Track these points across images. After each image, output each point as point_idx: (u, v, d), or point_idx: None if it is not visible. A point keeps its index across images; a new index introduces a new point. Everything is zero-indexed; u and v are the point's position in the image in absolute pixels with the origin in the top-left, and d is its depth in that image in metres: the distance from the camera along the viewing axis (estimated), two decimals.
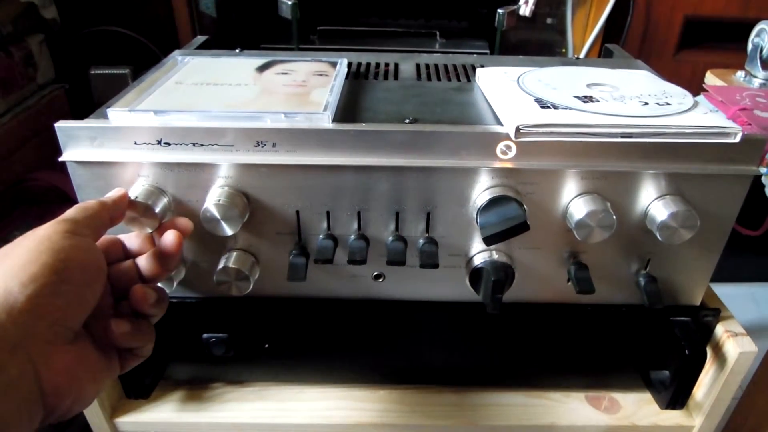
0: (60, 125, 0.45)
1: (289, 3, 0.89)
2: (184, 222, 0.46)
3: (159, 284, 0.46)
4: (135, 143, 0.46)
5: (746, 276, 1.64)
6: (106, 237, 0.44)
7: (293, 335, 0.58)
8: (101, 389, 0.39)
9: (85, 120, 0.47)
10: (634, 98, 0.51)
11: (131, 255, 0.45)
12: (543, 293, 0.55)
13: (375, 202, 0.49)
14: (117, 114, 0.46)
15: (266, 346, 0.58)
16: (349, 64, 0.65)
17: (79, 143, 0.46)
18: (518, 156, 0.47)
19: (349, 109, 0.53)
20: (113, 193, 0.44)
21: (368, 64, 0.68)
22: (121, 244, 0.45)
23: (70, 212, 0.39)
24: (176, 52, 0.68)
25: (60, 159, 0.46)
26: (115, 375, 0.41)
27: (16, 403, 0.31)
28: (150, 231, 0.46)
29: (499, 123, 0.49)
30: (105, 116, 0.47)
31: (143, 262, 0.44)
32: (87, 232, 0.38)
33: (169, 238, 0.44)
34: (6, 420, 0.30)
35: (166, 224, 0.45)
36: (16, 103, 1.03)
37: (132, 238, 0.46)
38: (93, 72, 1.05)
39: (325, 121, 0.47)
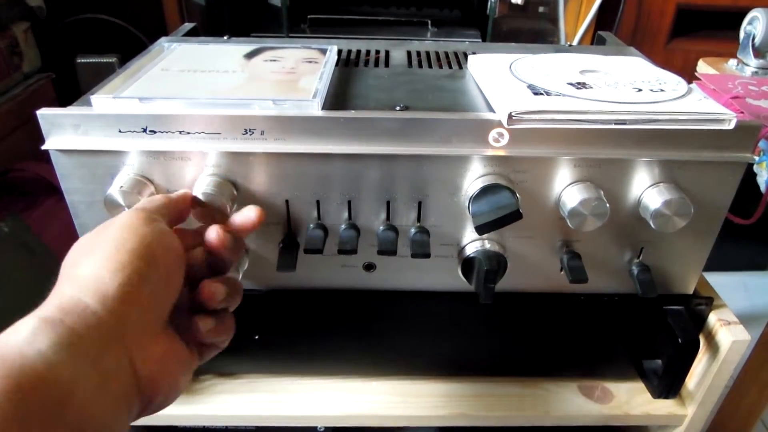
0: (42, 113, 0.44)
1: None
2: (256, 212, 0.44)
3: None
4: (120, 131, 0.45)
5: (737, 265, 1.65)
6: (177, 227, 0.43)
7: (283, 326, 0.57)
8: (188, 381, 0.38)
9: (69, 107, 0.46)
10: (627, 85, 0.50)
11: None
12: (536, 282, 0.55)
13: (365, 190, 0.49)
14: (101, 101, 0.45)
15: (256, 337, 0.58)
16: (339, 52, 0.64)
17: (62, 131, 0.45)
18: (511, 143, 0.46)
19: (338, 96, 0.53)
20: (177, 194, 0.43)
21: (358, 52, 0.67)
22: (190, 233, 0.44)
23: (140, 203, 0.40)
24: (163, 39, 0.67)
25: (43, 147, 0.45)
26: (196, 366, 0.40)
27: (115, 396, 0.31)
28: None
29: (492, 110, 0.48)
30: (89, 103, 0.46)
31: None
32: (161, 219, 0.38)
33: (238, 221, 0.43)
34: (106, 414, 0.30)
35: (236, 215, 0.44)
36: (1, 92, 1.02)
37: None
38: (79, 61, 1.04)
39: (315, 109, 0.46)
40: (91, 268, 0.33)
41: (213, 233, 0.39)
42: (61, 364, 0.28)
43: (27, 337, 0.29)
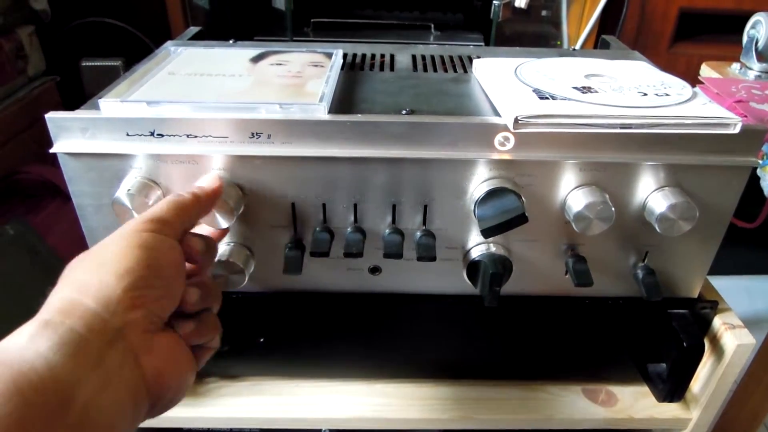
0: (51, 116, 0.44)
1: None
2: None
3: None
4: (127, 134, 0.45)
5: (739, 269, 1.64)
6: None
7: (289, 329, 0.58)
8: (191, 383, 0.40)
9: (77, 111, 0.46)
10: (632, 89, 0.50)
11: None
12: (541, 286, 0.55)
13: (371, 194, 0.49)
14: (109, 105, 0.46)
15: (261, 340, 0.58)
16: (345, 55, 0.65)
17: (70, 134, 0.45)
18: (516, 147, 0.46)
19: (345, 100, 0.53)
20: (208, 184, 0.44)
21: (364, 55, 0.67)
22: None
23: (159, 210, 0.39)
24: (169, 43, 0.67)
25: (51, 150, 0.45)
26: (197, 369, 0.41)
27: (119, 395, 0.32)
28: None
29: (497, 114, 0.48)
30: (97, 107, 0.46)
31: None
32: (172, 233, 0.39)
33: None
34: (110, 413, 0.31)
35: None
36: (6, 95, 1.02)
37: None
38: (84, 64, 1.04)
39: (321, 112, 0.46)
40: (95, 273, 0.34)
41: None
42: (60, 364, 0.30)
43: (27, 339, 0.30)
